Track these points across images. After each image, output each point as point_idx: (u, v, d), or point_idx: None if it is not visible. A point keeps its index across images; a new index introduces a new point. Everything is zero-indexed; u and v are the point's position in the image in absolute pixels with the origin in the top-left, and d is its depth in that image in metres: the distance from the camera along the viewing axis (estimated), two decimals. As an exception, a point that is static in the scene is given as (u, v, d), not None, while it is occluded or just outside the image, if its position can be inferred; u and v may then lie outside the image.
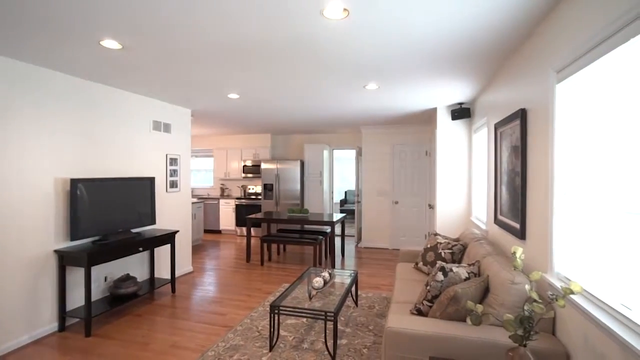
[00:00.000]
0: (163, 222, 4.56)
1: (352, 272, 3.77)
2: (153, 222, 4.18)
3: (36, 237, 3.04)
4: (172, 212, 4.73)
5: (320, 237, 5.46)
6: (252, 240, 7.37)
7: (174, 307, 3.78)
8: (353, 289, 4.31)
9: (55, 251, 3.18)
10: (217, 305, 3.85)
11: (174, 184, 4.76)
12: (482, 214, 4.07)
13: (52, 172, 3.17)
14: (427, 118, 5.80)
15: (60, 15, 2.12)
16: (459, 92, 4.07)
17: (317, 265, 5.28)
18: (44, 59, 2.88)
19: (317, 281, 3.11)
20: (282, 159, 7.94)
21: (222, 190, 8.81)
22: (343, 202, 10.81)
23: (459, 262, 3.22)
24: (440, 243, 3.38)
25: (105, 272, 3.72)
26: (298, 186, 7.54)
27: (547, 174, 2.02)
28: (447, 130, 4.83)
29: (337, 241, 7.22)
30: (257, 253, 6.31)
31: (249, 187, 8.55)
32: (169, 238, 4.12)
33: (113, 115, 3.83)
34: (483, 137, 4.11)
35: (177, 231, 4.22)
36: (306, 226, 7.27)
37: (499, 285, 2.03)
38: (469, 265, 2.44)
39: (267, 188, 7.76)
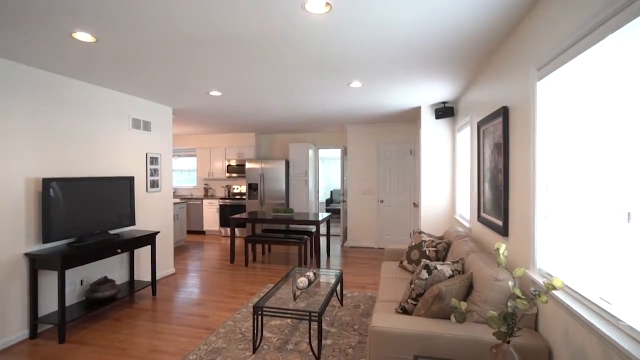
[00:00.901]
0: (143, 222, 4.42)
1: (337, 271, 3.74)
2: (132, 222, 4.05)
3: (3, 240, 2.89)
4: (152, 212, 4.60)
5: (306, 236, 5.41)
6: (237, 241, 7.26)
7: (155, 310, 3.66)
8: (338, 288, 4.28)
9: (26, 254, 3.02)
10: (200, 307, 3.75)
11: (154, 184, 4.62)
12: (465, 212, 4.11)
13: (23, 172, 3.02)
14: (412, 117, 5.83)
15: (26, 3, 2.00)
16: (443, 91, 4.10)
17: (302, 265, 5.23)
18: (10, 51, 2.74)
19: (302, 281, 3.06)
20: (267, 158, 7.87)
21: (206, 190, 8.65)
22: (329, 202, 10.80)
23: (444, 259, 3.23)
24: (425, 241, 3.38)
25: (82, 275, 3.57)
26: (283, 186, 7.47)
27: (529, 170, 2.04)
28: (431, 129, 4.86)
29: (323, 241, 7.18)
30: (242, 254, 6.22)
31: (233, 187, 8.43)
32: (148, 239, 4.00)
33: (89, 113, 3.68)
34: (466, 135, 4.15)
35: (158, 232, 4.10)
36: (291, 226, 7.22)
37: (483, 282, 2.04)
38: (453, 262, 2.44)
39: (252, 188, 7.66)
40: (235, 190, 8.38)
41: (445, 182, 4.81)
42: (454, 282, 2.10)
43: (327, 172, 11.64)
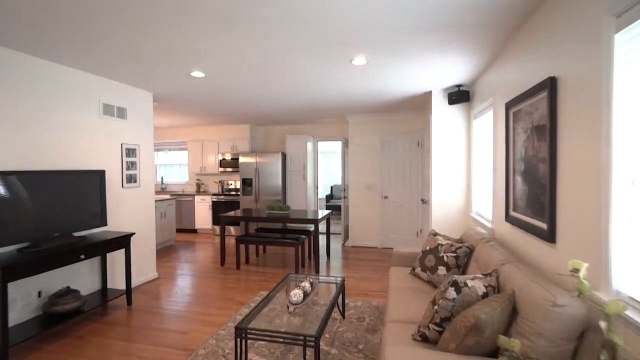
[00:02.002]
0: (118, 222, 3.91)
1: (339, 278, 3.23)
2: (103, 223, 3.53)
3: None
4: (130, 211, 4.08)
5: (303, 236, 4.90)
6: (230, 241, 6.75)
7: (127, 325, 3.16)
8: (339, 298, 3.78)
9: (-35, 263, 2.52)
10: (179, 320, 3.25)
11: (131, 179, 4.10)
12: (486, 210, 3.59)
13: (-41, 164, 2.50)
14: (420, 104, 5.29)
15: None
16: (458, 71, 3.56)
17: (299, 269, 4.73)
18: None
19: (296, 294, 2.55)
20: (262, 151, 7.35)
21: (198, 186, 8.14)
22: (329, 198, 10.28)
23: (465, 267, 2.71)
24: (442, 245, 2.87)
25: (40, 286, 3.06)
26: (279, 181, 6.95)
27: (598, 159, 1.51)
28: (443, 116, 4.32)
29: (322, 240, 6.67)
30: (234, 255, 5.71)
31: (227, 182, 7.91)
32: (121, 242, 3.49)
33: (48, 95, 3.15)
34: (485, 122, 3.62)
35: (132, 234, 3.59)
36: (288, 225, 6.71)
37: (533, 307, 1.52)
38: (485, 275, 1.93)
39: (246, 183, 7.14)
40: (229, 186, 7.87)
41: (459, 175, 4.29)
42: (492, 306, 1.58)
43: (327, 166, 11.12)
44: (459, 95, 4.07)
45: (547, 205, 1.97)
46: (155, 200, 6.08)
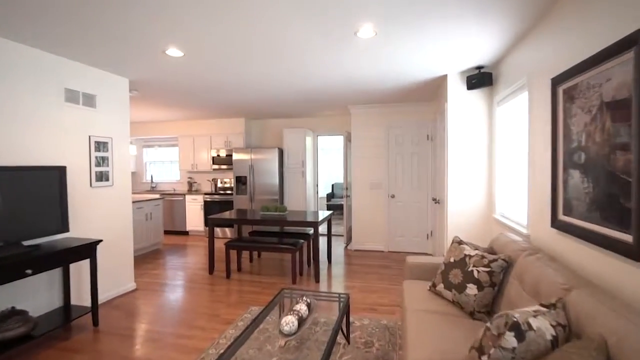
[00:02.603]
0: (86, 227, 3.37)
1: (342, 296, 2.69)
2: (64, 229, 2.99)
3: None
4: (101, 213, 3.55)
5: (301, 240, 4.36)
6: (220, 245, 6.21)
7: (88, 352, 2.63)
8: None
9: None
10: (150, 346, 2.71)
11: (102, 176, 3.56)
12: (514, 212, 3.04)
13: None
14: (430, 93, 4.73)
15: None
16: (480, 48, 3.00)
17: (296, 279, 4.18)
18: None
19: (289, 323, 2.00)
20: (258, 147, 6.81)
21: (190, 184, 7.60)
22: (330, 197, 9.74)
23: (501, 286, 2.17)
24: (470, 256, 2.32)
25: (-20, 306, 2.53)
26: (276, 179, 6.40)
27: None
28: (461, 103, 3.76)
29: (323, 242, 6.13)
30: (224, 261, 5.16)
31: (220, 180, 7.37)
32: (84, 251, 2.95)
33: (-10, 76, 2.61)
34: (514, 108, 3.06)
35: (99, 241, 3.05)
36: (285, 227, 6.18)
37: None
38: (547, 307, 1.38)
39: (240, 181, 6.59)
40: (223, 185, 7.32)
41: (479, 171, 3.73)
42: (579, 364, 1.04)
43: (328, 163, 10.56)
44: (480, 79, 3.51)
45: (634, 210, 1.42)
46: (140, 201, 5.55)
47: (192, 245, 6.29)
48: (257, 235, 4.89)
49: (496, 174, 3.51)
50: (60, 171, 2.97)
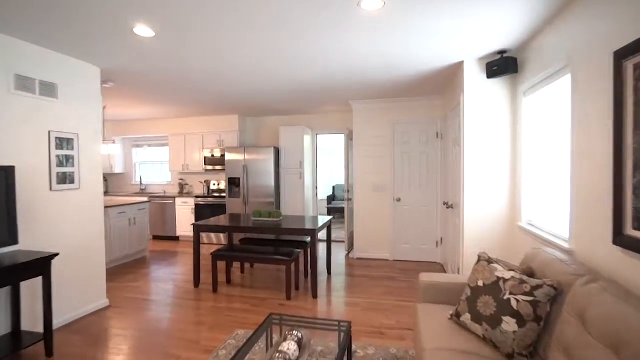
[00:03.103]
0: (43, 238, 2.89)
1: (342, 325, 2.19)
2: (12, 241, 2.52)
3: None
4: (64, 221, 3.07)
5: (298, 250, 3.88)
6: (209, 252, 5.73)
7: (32, 394, 2.15)
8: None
9: None
10: (111, 385, 2.23)
11: (66, 179, 3.09)
12: (548, 220, 2.55)
13: None
14: (442, 84, 4.24)
15: None
16: (503, 28, 2.52)
17: (291, 294, 3.69)
18: None
19: (271, 373, 1.51)
20: (252, 146, 6.34)
21: (182, 186, 7.13)
22: (330, 199, 9.25)
23: (548, 320, 1.67)
24: (505, 279, 1.83)
25: None
26: (272, 181, 5.92)
27: None
28: (480, 94, 3.28)
29: (322, 249, 5.63)
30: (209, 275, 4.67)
31: (213, 182, 6.89)
32: (36, 267, 2.47)
33: None
34: (547, 97, 2.57)
35: (54, 255, 2.56)
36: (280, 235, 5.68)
37: None
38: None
39: (233, 184, 6.11)
40: (216, 187, 6.85)
41: (501, 172, 3.24)
42: None
43: (329, 163, 10.08)
44: (504, 65, 3.02)
45: None
46: (123, 205, 5.08)
47: (182, 252, 5.81)
48: (249, 243, 4.41)
49: (522, 175, 3.02)
50: (7, 172, 2.50)
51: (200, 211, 6.45)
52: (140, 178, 7.53)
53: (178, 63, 3.34)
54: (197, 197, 6.50)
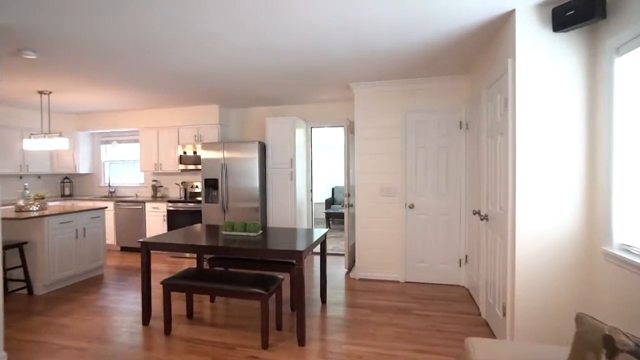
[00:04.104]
0: None
1: None
2: None
3: None
4: None
5: (280, 276, 2.87)
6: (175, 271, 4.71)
7: None
8: None
9: None
10: None
11: None
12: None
13: None
14: (470, 57, 3.23)
15: None
16: None
17: (268, 340, 2.65)
18: None
19: None
20: (232, 141, 5.35)
21: (155, 189, 6.12)
22: (329, 203, 8.22)
23: None
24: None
25: None
26: (256, 182, 4.91)
27: None
28: (540, 56, 2.25)
29: (316, 263, 4.61)
30: (173, 303, 3.64)
31: (191, 184, 5.89)
32: None
33: None
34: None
35: None
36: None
37: None
38: None
39: (210, 186, 5.11)
40: (195, 189, 5.85)
41: (571, 171, 2.22)
42: None
43: (328, 162, 9.07)
44: (582, 9, 1.99)
45: None
46: (66, 213, 4.06)
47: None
48: (220, 264, 3.40)
49: (611, 175, 1.99)
50: None
51: (174, 218, 5.44)
52: (109, 179, 6.53)
53: (117, 27, 2.33)
54: (169, 201, 5.49)
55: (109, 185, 6.47)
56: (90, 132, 6.53)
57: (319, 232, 3.31)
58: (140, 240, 3.01)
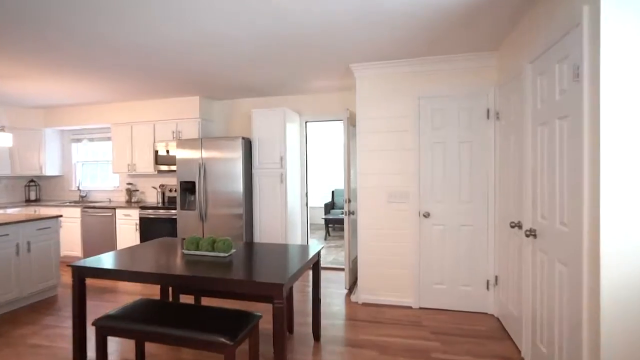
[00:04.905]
0: None
1: None
2: None
3: None
4: None
5: (256, 315, 2.10)
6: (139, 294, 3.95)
7: None
8: None
9: None
10: None
11: None
12: None
13: None
14: (505, 24, 2.46)
15: None
16: None
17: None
18: None
19: None
20: (212, 138, 4.62)
21: (130, 193, 5.39)
22: (329, 207, 7.46)
23: None
24: None
25: None
26: (240, 185, 4.15)
27: None
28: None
29: (308, 281, 3.84)
30: (122, 343, 2.89)
31: (170, 187, 5.15)
32: None
33: None
34: None
35: None
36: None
37: None
38: None
39: (187, 190, 4.36)
40: (174, 194, 5.11)
41: (690, 170, 1.44)
42: None
43: (327, 161, 8.33)
44: None
45: None
46: (5, 224, 3.32)
47: (112, 289, 4.05)
48: (187, 290, 2.64)
49: None
50: None
51: (147, 228, 4.70)
52: (80, 182, 5.80)
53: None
54: (142, 208, 4.74)
55: (79, 189, 5.74)
56: (60, 130, 5.81)
57: (313, 248, 2.55)
58: (72, 264, 2.26)
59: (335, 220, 6.88)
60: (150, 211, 4.68)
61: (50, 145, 5.71)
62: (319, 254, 2.60)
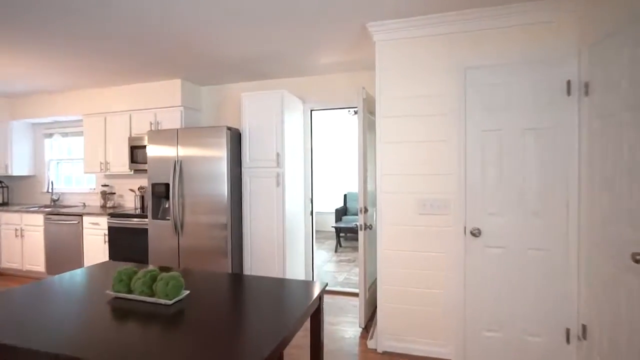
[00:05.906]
0: None
1: None
2: None
3: None
4: None
5: None
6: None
7: None
8: None
9: None
10: None
11: None
12: None
13: None
14: None
15: None
16: None
17: None
18: None
19: None
20: (191, 128, 3.75)
21: (105, 196, 4.57)
22: (341, 214, 6.51)
23: None
24: None
25: None
26: (224, 188, 3.25)
27: None
28: None
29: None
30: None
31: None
32: None
33: None
34: None
35: None
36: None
37: None
38: None
39: (159, 194, 3.49)
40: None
41: None
42: None
43: (338, 158, 7.41)
44: None
45: None
46: None
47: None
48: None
49: None
50: None
51: (116, 239, 3.86)
52: (51, 184, 5.02)
53: None
54: (111, 215, 3.90)
55: (50, 192, 4.96)
56: (29, 123, 5.06)
57: (317, 289, 1.64)
58: None
59: (347, 229, 5.93)
60: (120, 219, 3.84)
61: (18, 140, 4.96)
62: (320, 298, 1.68)
